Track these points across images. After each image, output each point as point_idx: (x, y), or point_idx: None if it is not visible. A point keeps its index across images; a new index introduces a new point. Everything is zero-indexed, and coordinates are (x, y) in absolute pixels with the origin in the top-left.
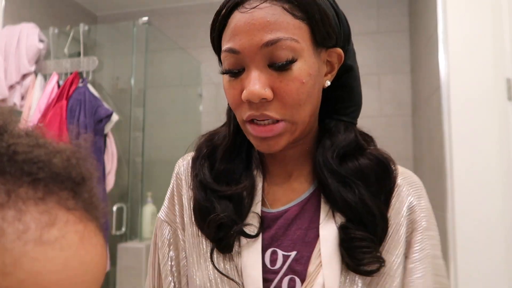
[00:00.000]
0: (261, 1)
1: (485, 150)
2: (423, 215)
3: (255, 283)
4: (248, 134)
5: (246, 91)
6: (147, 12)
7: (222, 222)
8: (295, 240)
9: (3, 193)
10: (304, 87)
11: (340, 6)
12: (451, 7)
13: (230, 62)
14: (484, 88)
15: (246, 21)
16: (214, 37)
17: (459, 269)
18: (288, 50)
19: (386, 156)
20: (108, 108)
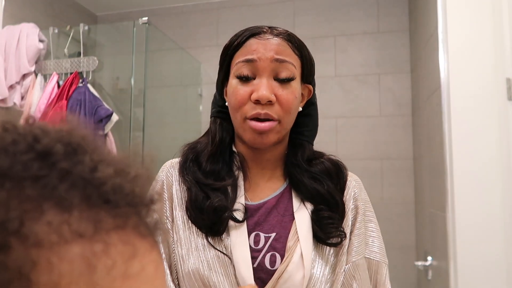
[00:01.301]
0: (273, 36)
1: (485, 150)
2: (362, 203)
3: (244, 258)
4: (246, 130)
5: (258, 93)
6: (147, 12)
7: (217, 207)
8: (274, 224)
9: (91, 225)
10: (295, 100)
11: (340, 6)
12: (451, 7)
13: (245, 69)
14: (484, 88)
15: (263, 44)
16: (226, 57)
17: (459, 269)
18: (290, 70)
19: (339, 160)
20: (108, 108)
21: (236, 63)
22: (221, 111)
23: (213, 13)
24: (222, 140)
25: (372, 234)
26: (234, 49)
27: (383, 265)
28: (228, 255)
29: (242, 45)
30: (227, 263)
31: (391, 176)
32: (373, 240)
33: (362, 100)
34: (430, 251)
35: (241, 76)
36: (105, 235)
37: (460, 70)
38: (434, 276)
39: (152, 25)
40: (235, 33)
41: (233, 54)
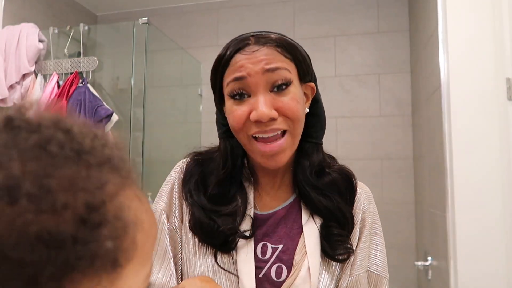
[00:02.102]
0: (260, 46)
1: (485, 150)
2: (370, 216)
3: (248, 271)
4: (255, 151)
5: (257, 112)
6: (147, 12)
7: (226, 232)
8: (282, 235)
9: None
10: (298, 105)
11: (340, 6)
12: (451, 7)
13: (236, 87)
14: (484, 88)
15: (249, 58)
16: (217, 78)
17: (459, 269)
18: (284, 76)
19: (349, 171)
20: (108, 108)
21: (227, 83)
22: (228, 130)
23: (213, 13)
24: (234, 165)
25: (376, 247)
26: (223, 68)
27: (383, 279)
28: (233, 272)
29: (229, 62)
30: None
31: (391, 176)
32: (376, 254)
33: (362, 100)
34: (430, 251)
35: (234, 95)
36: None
37: (460, 70)
38: (434, 276)
39: (152, 25)
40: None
41: (223, 74)
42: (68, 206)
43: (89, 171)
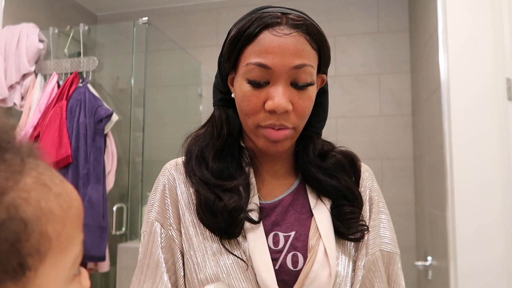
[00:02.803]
0: (291, 30)
1: (485, 150)
2: (375, 194)
3: (264, 262)
4: (260, 136)
5: (274, 102)
6: (147, 12)
7: (232, 208)
8: (292, 222)
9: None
10: (311, 105)
11: (341, 6)
12: (451, 7)
13: (258, 74)
14: (484, 88)
15: (279, 44)
16: (235, 49)
17: (459, 269)
18: (309, 74)
19: (351, 152)
20: (108, 108)
21: (247, 63)
22: (224, 98)
23: (213, 13)
24: (230, 133)
25: (384, 225)
26: (245, 42)
27: (395, 255)
28: (246, 261)
29: (254, 38)
30: (247, 267)
31: (391, 176)
32: (385, 232)
33: (362, 100)
34: (430, 251)
35: (253, 81)
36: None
37: (460, 70)
38: (434, 276)
39: (152, 25)
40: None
41: (243, 48)
42: None
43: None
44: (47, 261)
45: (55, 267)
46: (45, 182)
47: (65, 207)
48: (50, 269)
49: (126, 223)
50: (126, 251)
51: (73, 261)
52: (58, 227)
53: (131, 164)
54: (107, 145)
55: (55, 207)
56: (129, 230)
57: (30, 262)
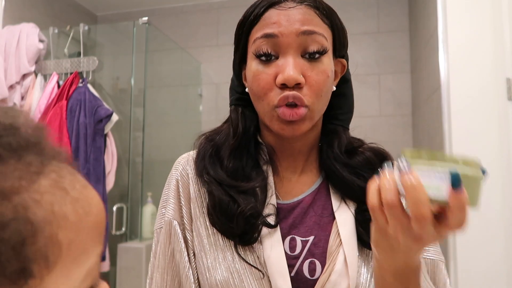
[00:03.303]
0: (296, 3)
1: (485, 150)
2: None
3: (280, 270)
4: (274, 118)
5: (283, 75)
6: (147, 12)
7: (249, 214)
8: (311, 226)
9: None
10: (327, 80)
11: (341, 6)
12: (451, 7)
13: (265, 47)
14: (484, 88)
15: (284, 14)
16: (242, 34)
17: (459, 269)
18: (320, 43)
19: (382, 149)
20: (108, 108)
21: (254, 40)
22: (241, 97)
23: (213, 13)
24: (245, 130)
25: None
26: (251, 24)
27: (440, 263)
28: (261, 269)
29: (259, 18)
30: (261, 275)
31: None
32: None
33: (362, 100)
34: None
35: (261, 54)
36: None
37: (460, 70)
38: None
39: (152, 25)
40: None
41: (250, 30)
42: None
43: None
44: (55, 271)
45: (64, 278)
46: (64, 186)
47: (82, 214)
48: (59, 279)
49: (126, 223)
50: (126, 251)
51: (86, 274)
52: (71, 234)
53: (131, 164)
54: (107, 145)
55: (70, 213)
56: (129, 230)
57: (35, 269)
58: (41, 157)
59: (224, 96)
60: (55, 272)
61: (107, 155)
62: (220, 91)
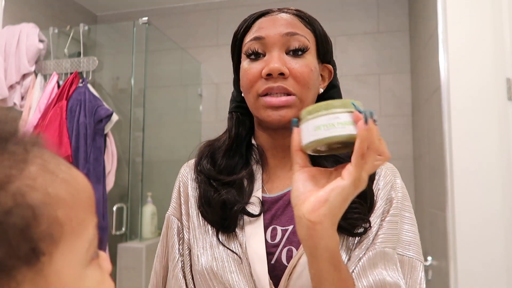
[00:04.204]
0: (282, 12)
1: (485, 150)
2: (400, 192)
3: (260, 257)
4: (260, 107)
5: (268, 66)
6: (147, 12)
7: (225, 201)
8: (292, 216)
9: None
10: (312, 74)
11: (340, 6)
12: (451, 7)
13: (253, 47)
14: (484, 88)
15: (270, 20)
16: (236, 42)
17: (459, 269)
18: (302, 42)
19: None
20: (108, 108)
21: (245, 43)
22: (239, 106)
23: (213, 13)
24: (238, 134)
25: (408, 227)
26: (243, 32)
27: (417, 262)
28: (239, 254)
29: (250, 26)
30: (242, 261)
31: None
32: (408, 234)
33: (362, 100)
34: (430, 251)
35: (250, 53)
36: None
37: (460, 70)
38: (434, 276)
39: (152, 25)
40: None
41: (243, 38)
42: None
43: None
44: (61, 246)
45: (70, 252)
46: (51, 169)
47: (74, 193)
48: (66, 253)
49: (126, 223)
50: (126, 251)
51: (89, 245)
52: (69, 212)
53: (131, 164)
54: (107, 145)
55: (64, 193)
56: (129, 230)
57: (43, 246)
58: (22, 145)
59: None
60: (61, 247)
61: (107, 155)
62: (220, 91)
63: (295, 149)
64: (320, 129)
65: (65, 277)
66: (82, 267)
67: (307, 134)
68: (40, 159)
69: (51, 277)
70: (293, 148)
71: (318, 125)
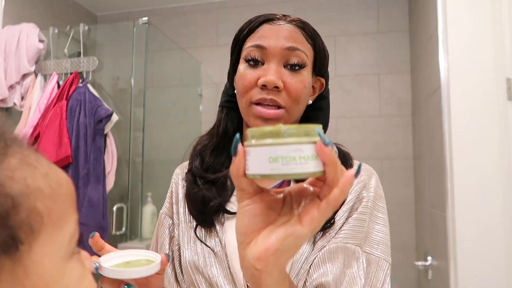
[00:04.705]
0: (287, 22)
1: (485, 150)
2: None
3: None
4: (251, 115)
5: (265, 77)
6: (147, 12)
7: (204, 197)
8: None
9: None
10: (304, 90)
11: (340, 6)
12: (451, 7)
13: (254, 54)
14: (484, 88)
15: (274, 30)
16: (237, 43)
17: (459, 269)
18: (301, 58)
19: (346, 152)
20: (108, 108)
21: (246, 48)
22: (230, 100)
23: (213, 13)
24: (226, 131)
25: (377, 227)
26: (246, 35)
27: (384, 262)
28: (214, 249)
29: (254, 30)
30: (217, 256)
31: (391, 176)
32: (377, 234)
33: (362, 100)
34: (430, 251)
35: (250, 59)
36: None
37: (460, 70)
38: (434, 276)
39: (152, 25)
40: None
41: (244, 40)
42: None
43: None
44: (41, 237)
45: (50, 243)
46: (31, 162)
47: (54, 186)
48: (46, 244)
49: (126, 223)
50: None
51: (70, 238)
52: (49, 204)
53: (131, 164)
54: (107, 145)
55: (43, 185)
56: (129, 230)
57: (22, 236)
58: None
59: None
60: (41, 238)
61: (107, 155)
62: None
63: (240, 175)
64: (277, 162)
65: (45, 268)
66: (62, 260)
67: (257, 163)
68: (20, 154)
69: (30, 267)
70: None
71: (274, 156)
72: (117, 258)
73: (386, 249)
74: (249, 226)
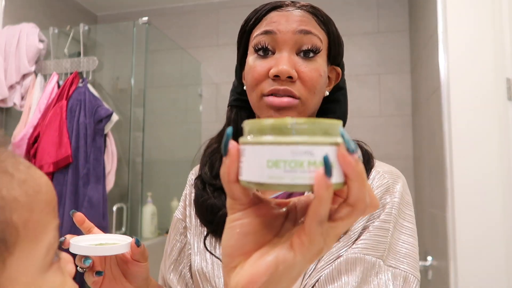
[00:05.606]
0: (297, 7)
1: (485, 150)
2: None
3: None
4: (263, 107)
5: (277, 67)
6: (147, 12)
7: (213, 205)
8: None
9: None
10: (320, 79)
11: (340, 6)
12: (451, 7)
13: (263, 41)
14: (484, 88)
15: (283, 15)
16: (244, 33)
17: (459, 269)
18: (314, 43)
19: (368, 151)
20: (108, 108)
21: (255, 37)
22: (239, 98)
23: (213, 13)
24: (236, 131)
25: (403, 237)
26: (253, 24)
27: (411, 277)
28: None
29: (261, 19)
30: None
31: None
32: (404, 245)
33: (362, 100)
34: (430, 251)
35: (259, 48)
36: None
37: (460, 70)
38: (434, 276)
39: (152, 25)
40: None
41: (252, 30)
42: None
43: None
44: (16, 251)
45: (26, 257)
46: (7, 169)
47: (32, 193)
48: (21, 259)
49: (126, 223)
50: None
51: (47, 249)
52: (25, 215)
53: (131, 164)
54: (107, 145)
55: (20, 194)
56: (129, 230)
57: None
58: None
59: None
60: (16, 253)
61: (107, 155)
62: (220, 91)
63: (231, 180)
64: (277, 167)
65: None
66: (39, 273)
67: (253, 167)
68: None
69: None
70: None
71: (274, 159)
72: (91, 240)
73: (414, 263)
74: (236, 248)
